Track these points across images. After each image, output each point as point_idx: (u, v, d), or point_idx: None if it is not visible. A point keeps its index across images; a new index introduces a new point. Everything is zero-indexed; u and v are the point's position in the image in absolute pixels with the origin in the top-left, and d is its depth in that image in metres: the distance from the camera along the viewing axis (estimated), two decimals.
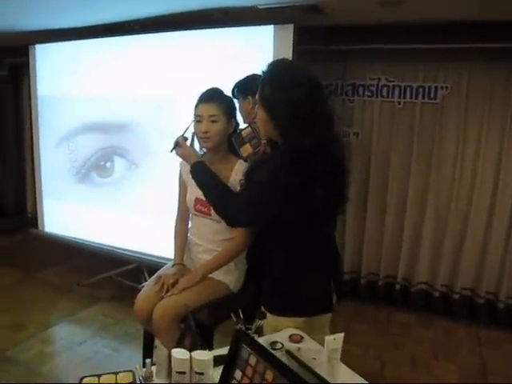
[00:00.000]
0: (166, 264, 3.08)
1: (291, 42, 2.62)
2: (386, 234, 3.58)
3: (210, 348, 1.87)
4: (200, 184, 1.71)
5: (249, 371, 1.19)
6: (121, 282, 3.60)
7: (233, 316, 1.40)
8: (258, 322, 1.45)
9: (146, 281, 3.33)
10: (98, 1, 2.79)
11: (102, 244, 3.60)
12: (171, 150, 1.80)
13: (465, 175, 3.33)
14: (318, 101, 1.49)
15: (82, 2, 2.82)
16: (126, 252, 3.47)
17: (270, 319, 1.60)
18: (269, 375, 1.14)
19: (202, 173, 1.72)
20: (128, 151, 3.43)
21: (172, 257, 2.14)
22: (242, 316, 1.49)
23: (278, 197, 1.49)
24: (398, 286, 3.57)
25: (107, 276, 3.69)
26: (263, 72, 1.55)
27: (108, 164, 3.54)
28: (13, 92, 4.98)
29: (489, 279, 3.31)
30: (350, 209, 3.51)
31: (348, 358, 1.44)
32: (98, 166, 3.60)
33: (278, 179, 1.48)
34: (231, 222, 1.70)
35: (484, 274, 3.32)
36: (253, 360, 1.19)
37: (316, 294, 1.66)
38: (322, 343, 1.65)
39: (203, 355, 1.25)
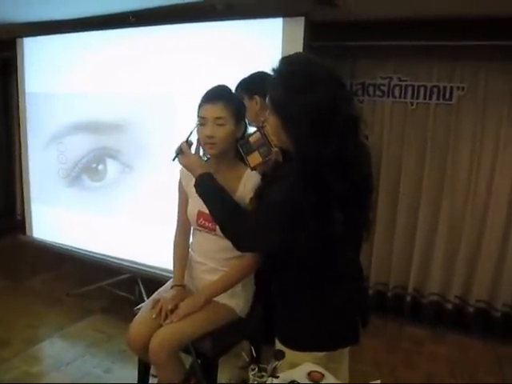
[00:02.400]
0: (161, 274, 2.92)
1: (301, 37, 2.40)
2: (397, 242, 3.38)
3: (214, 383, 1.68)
4: (206, 201, 1.49)
5: None
6: (113, 292, 3.39)
7: (244, 355, 1.19)
8: (275, 363, 1.23)
9: (141, 292, 3.20)
10: None
11: (93, 252, 3.38)
12: (173, 159, 1.57)
13: (481, 181, 3.14)
14: (339, 102, 1.24)
15: None
16: (119, 261, 3.25)
17: (288, 354, 1.39)
18: None
19: (208, 187, 1.49)
20: (121, 153, 3.20)
21: (169, 267, 1.92)
22: (254, 353, 1.26)
23: (292, 221, 1.27)
24: (408, 298, 3.37)
25: (99, 286, 3.46)
26: (273, 70, 1.32)
27: (100, 166, 3.30)
28: (1, 88, 4.74)
29: (506, 291, 3.12)
30: None
31: (358, 377, 1.31)
32: (89, 169, 3.36)
33: (293, 201, 1.25)
34: (238, 246, 1.48)
35: (501, 285, 3.13)
36: None
37: (341, 325, 1.44)
38: (339, 373, 1.48)
39: None
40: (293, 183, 1.27)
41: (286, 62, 1.32)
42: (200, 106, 1.65)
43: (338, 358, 1.52)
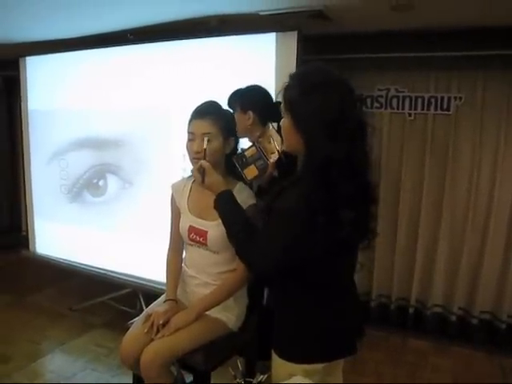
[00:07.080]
0: (162, 289, 2.91)
1: (295, 51, 2.42)
2: (398, 253, 3.36)
3: None
4: (223, 220, 1.46)
5: None
6: (115, 307, 3.40)
7: (231, 370, 1.18)
8: (260, 377, 1.23)
9: (142, 306, 3.20)
10: (89, 9, 2.62)
11: (95, 267, 3.40)
12: (203, 181, 1.50)
13: (481, 191, 3.12)
14: (349, 106, 1.28)
15: (72, 11, 2.65)
16: (120, 276, 3.27)
17: (285, 366, 1.38)
18: None
19: (227, 206, 1.45)
20: (121, 169, 3.23)
21: None
22: (240, 366, 1.26)
23: (304, 225, 1.25)
24: (411, 310, 3.34)
25: (101, 301, 3.48)
26: (290, 75, 1.36)
27: (101, 182, 3.34)
28: (6, 106, 4.83)
29: (510, 302, 3.08)
30: None
31: None
32: (90, 185, 3.40)
33: (303, 204, 1.25)
34: (256, 269, 1.44)
35: (505, 296, 3.09)
36: None
37: (342, 335, 1.43)
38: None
39: None
40: (303, 185, 1.28)
41: (302, 67, 1.40)
42: (189, 122, 1.68)
43: (332, 370, 1.51)
